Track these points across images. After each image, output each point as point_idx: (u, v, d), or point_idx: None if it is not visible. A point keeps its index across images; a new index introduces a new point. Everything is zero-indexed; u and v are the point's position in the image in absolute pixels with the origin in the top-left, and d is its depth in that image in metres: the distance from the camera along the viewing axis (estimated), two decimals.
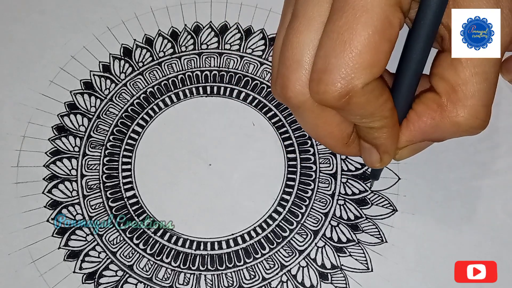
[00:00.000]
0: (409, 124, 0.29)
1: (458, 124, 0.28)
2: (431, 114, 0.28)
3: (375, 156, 0.30)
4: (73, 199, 0.36)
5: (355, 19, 0.25)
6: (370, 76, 0.25)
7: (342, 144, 0.30)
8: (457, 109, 0.27)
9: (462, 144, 0.38)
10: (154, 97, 0.39)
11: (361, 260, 0.35)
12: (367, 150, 0.30)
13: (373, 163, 0.31)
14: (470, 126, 0.28)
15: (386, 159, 0.30)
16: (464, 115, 0.27)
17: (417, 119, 0.29)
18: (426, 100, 0.28)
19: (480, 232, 0.36)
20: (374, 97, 0.26)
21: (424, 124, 0.28)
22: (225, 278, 0.35)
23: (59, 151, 0.38)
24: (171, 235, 0.36)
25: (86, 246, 0.35)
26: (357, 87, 0.25)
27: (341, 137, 0.30)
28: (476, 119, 0.27)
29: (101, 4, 0.42)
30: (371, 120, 0.27)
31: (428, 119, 0.28)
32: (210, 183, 0.37)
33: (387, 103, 0.27)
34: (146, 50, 0.41)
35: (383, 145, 0.29)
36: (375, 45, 0.25)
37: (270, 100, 0.39)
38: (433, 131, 0.29)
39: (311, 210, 0.36)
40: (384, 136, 0.28)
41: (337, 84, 0.25)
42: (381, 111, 0.27)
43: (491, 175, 0.37)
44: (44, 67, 0.40)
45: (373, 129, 0.28)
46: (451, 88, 0.27)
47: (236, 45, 0.41)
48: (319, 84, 0.26)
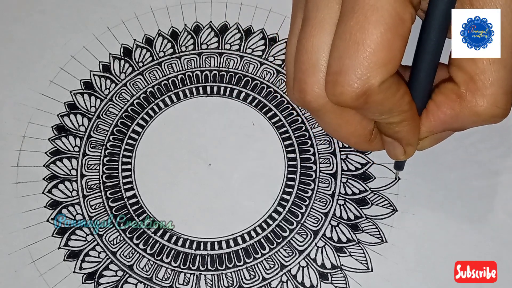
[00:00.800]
0: (429, 115, 0.29)
1: (478, 113, 0.27)
2: (450, 104, 0.28)
3: (399, 149, 0.30)
4: (73, 199, 0.36)
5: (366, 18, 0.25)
6: (386, 73, 0.25)
7: (365, 141, 0.30)
8: (476, 99, 0.27)
9: (462, 144, 0.38)
10: (154, 97, 0.39)
11: (361, 260, 0.35)
12: (390, 144, 0.30)
13: (397, 156, 0.31)
14: (491, 115, 0.27)
15: (410, 151, 0.30)
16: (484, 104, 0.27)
17: (436, 109, 0.29)
18: (445, 90, 0.28)
19: (480, 232, 0.36)
20: (391, 93, 0.26)
21: (444, 114, 0.28)
22: (225, 278, 0.35)
23: (59, 151, 0.38)
24: (171, 235, 0.36)
25: (86, 246, 0.35)
26: (373, 85, 0.25)
27: (363, 134, 0.29)
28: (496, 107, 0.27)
29: (101, 4, 0.42)
30: (390, 115, 0.27)
31: (447, 109, 0.28)
32: (210, 183, 0.37)
33: (405, 97, 0.27)
34: (146, 50, 0.41)
35: (405, 138, 0.29)
36: (388, 42, 0.25)
37: (270, 100, 0.39)
38: (453, 121, 0.28)
39: (311, 210, 0.36)
40: (405, 130, 0.29)
41: (354, 84, 0.25)
42: (399, 106, 0.27)
43: (491, 175, 0.37)
44: (44, 67, 0.40)
45: (394, 124, 0.28)
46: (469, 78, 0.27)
47: (236, 45, 0.41)
48: (335, 86, 0.26)
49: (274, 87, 0.39)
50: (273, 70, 0.40)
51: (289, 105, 0.39)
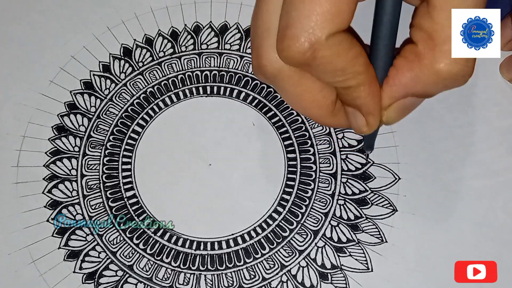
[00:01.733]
0: (389, 80, 0.28)
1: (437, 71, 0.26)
2: (409, 65, 0.27)
3: (360, 119, 0.29)
4: (73, 199, 0.36)
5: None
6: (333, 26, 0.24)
7: (328, 113, 0.29)
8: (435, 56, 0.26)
9: (462, 144, 0.38)
10: (154, 97, 0.39)
11: (361, 260, 0.35)
12: (352, 114, 0.29)
13: (360, 128, 0.29)
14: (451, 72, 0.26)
15: (372, 120, 0.29)
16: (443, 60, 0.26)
17: (396, 73, 0.27)
18: (404, 52, 0.27)
19: (480, 232, 0.36)
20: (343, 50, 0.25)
21: (404, 76, 0.27)
22: (225, 278, 0.35)
23: (59, 151, 0.38)
24: (171, 235, 0.36)
25: (86, 246, 0.35)
26: (320, 38, 0.24)
27: (325, 105, 0.29)
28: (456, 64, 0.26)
29: (101, 4, 0.42)
30: (344, 77, 0.26)
31: (407, 71, 0.27)
32: (210, 183, 0.37)
33: (359, 58, 0.26)
34: (146, 50, 0.41)
35: (364, 105, 0.28)
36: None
37: (270, 100, 0.39)
38: (414, 83, 0.27)
39: (311, 210, 0.36)
40: (363, 95, 0.27)
41: (300, 38, 0.24)
42: (353, 65, 0.26)
43: (491, 175, 0.37)
44: (44, 67, 0.40)
45: (350, 89, 0.27)
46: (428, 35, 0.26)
47: (236, 45, 0.41)
48: (283, 40, 0.25)
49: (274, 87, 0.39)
50: None
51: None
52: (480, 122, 0.38)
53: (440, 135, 0.38)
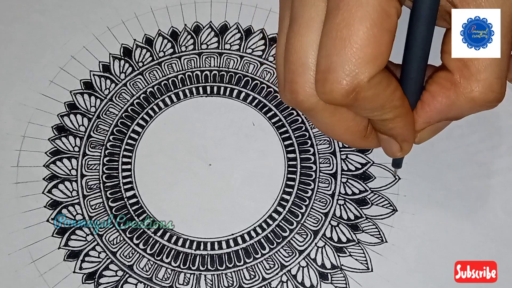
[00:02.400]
0: (425, 106, 0.29)
1: (473, 99, 0.27)
2: (445, 92, 0.28)
3: (395, 146, 0.30)
4: (73, 199, 0.36)
5: (351, 14, 0.25)
6: (374, 69, 0.25)
7: (360, 137, 0.30)
8: (471, 85, 0.27)
9: (462, 144, 0.38)
10: (154, 97, 0.39)
11: (361, 260, 0.35)
12: (386, 141, 0.30)
13: (394, 153, 0.30)
14: (486, 100, 0.27)
15: (406, 147, 0.30)
16: (479, 89, 0.27)
17: (431, 99, 0.28)
18: (439, 79, 0.28)
19: (480, 232, 0.36)
20: (382, 89, 0.26)
21: (440, 103, 0.28)
22: (225, 278, 0.35)
23: (59, 151, 0.38)
24: (171, 235, 0.36)
25: (86, 246, 0.35)
26: (362, 81, 0.25)
27: (358, 131, 0.29)
28: (491, 92, 0.27)
29: (101, 4, 0.42)
30: (383, 112, 0.27)
31: (443, 98, 0.28)
32: (210, 183, 0.37)
33: (396, 93, 0.27)
34: (146, 50, 0.41)
35: (400, 134, 0.29)
36: (374, 38, 0.25)
37: (270, 100, 0.39)
38: (450, 110, 0.28)
39: (311, 210, 0.36)
40: (399, 126, 0.28)
41: (343, 81, 0.25)
42: (391, 101, 0.27)
43: (491, 175, 0.37)
44: (44, 67, 0.40)
45: (387, 121, 0.28)
46: (463, 64, 0.27)
47: (236, 45, 0.41)
48: (324, 84, 0.26)
49: (274, 87, 0.39)
50: (273, 70, 0.40)
51: None
52: (480, 122, 0.38)
53: (440, 135, 0.38)
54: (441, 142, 0.38)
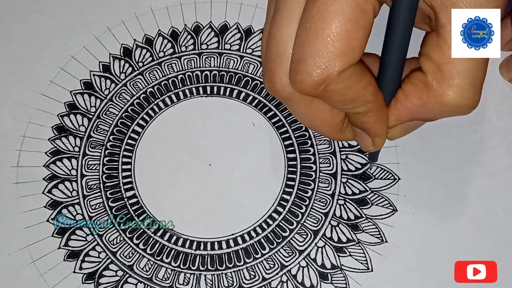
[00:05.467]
0: (397, 104, 0.29)
1: (444, 103, 0.27)
2: (418, 93, 0.28)
3: (367, 140, 0.30)
4: (73, 199, 0.36)
5: (325, 8, 0.25)
6: (345, 63, 0.25)
7: (336, 130, 0.30)
8: (443, 89, 0.27)
9: (462, 144, 0.38)
10: (154, 97, 0.39)
11: (361, 260, 0.35)
12: (359, 135, 0.30)
13: (367, 147, 0.31)
14: (457, 105, 0.27)
15: (378, 142, 0.30)
16: (450, 94, 0.27)
17: (404, 98, 0.28)
18: (414, 79, 0.28)
19: (480, 232, 0.36)
20: (353, 83, 0.26)
21: (412, 103, 0.28)
22: (225, 278, 0.35)
23: (59, 151, 0.38)
24: (171, 235, 0.36)
25: (86, 246, 0.35)
26: (332, 75, 0.25)
27: (334, 124, 0.30)
28: (462, 98, 0.27)
29: (101, 4, 0.42)
30: (354, 105, 0.27)
31: (415, 98, 0.28)
32: (210, 183, 0.37)
33: (369, 88, 0.27)
34: (146, 50, 0.41)
35: (371, 129, 0.29)
36: (347, 33, 0.25)
37: (270, 100, 0.39)
38: (421, 111, 0.28)
39: (311, 210, 0.36)
40: (371, 120, 0.29)
41: (313, 73, 0.25)
42: (363, 96, 0.27)
43: (491, 175, 0.37)
44: (44, 67, 0.40)
45: (359, 114, 0.28)
46: (437, 67, 0.27)
47: (236, 45, 0.41)
48: (296, 74, 0.26)
49: None
50: None
51: None
52: (480, 122, 0.38)
53: (440, 135, 0.38)
54: (441, 142, 0.38)
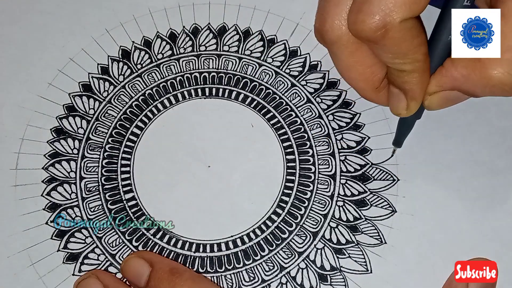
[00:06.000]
0: (442, 70, 0.29)
1: (489, 77, 0.27)
2: (465, 63, 0.28)
3: (403, 102, 0.31)
4: (72, 201, 0.36)
5: None
6: (409, 12, 0.26)
7: (372, 88, 0.31)
8: (491, 62, 0.27)
9: (462, 144, 0.38)
10: (153, 99, 0.39)
11: (360, 262, 0.35)
12: (395, 96, 0.31)
13: (399, 110, 0.31)
14: (501, 81, 0.27)
15: (413, 106, 0.31)
16: (497, 68, 0.27)
17: (451, 66, 0.29)
18: None
19: (480, 232, 0.36)
20: (410, 36, 0.27)
21: (457, 72, 0.29)
22: (225, 280, 0.35)
23: (58, 154, 0.38)
24: (170, 237, 0.36)
25: (85, 248, 0.35)
26: (395, 21, 0.26)
27: (372, 80, 0.30)
28: (509, 76, 0.27)
29: (99, 6, 0.42)
30: (403, 61, 0.28)
31: (461, 67, 0.28)
32: (209, 185, 0.37)
33: (422, 47, 0.28)
34: (145, 52, 0.40)
35: (411, 90, 0.30)
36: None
37: (269, 101, 0.39)
38: (464, 81, 0.29)
39: (310, 211, 0.36)
40: (413, 81, 0.29)
41: (376, 15, 0.26)
42: (415, 53, 0.27)
43: (491, 175, 0.37)
44: (43, 69, 0.40)
45: (404, 73, 0.29)
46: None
47: (235, 46, 0.41)
48: (358, 13, 0.26)
49: (273, 89, 0.39)
50: (271, 72, 0.40)
51: (288, 106, 0.39)
52: (480, 122, 0.38)
53: (440, 135, 0.38)
54: (441, 142, 0.38)
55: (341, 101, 0.39)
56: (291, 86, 0.39)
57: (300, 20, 0.41)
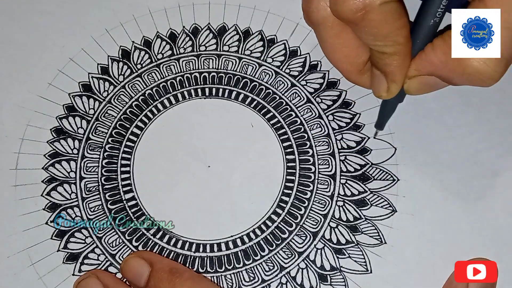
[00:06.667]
0: (422, 55, 0.30)
1: (466, 65, 0.27)
2: (444, 49, 0.28)
3: (384, 84, 0.31)
4: (72, 201, 0.36)
5: None
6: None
7: (356, 70, 0.31)
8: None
9: (462, 144, 0.38)
10: (153, 99, 0.39)
11: (360, 262, 0.35)
12: (377, 77, 0.31)
13: (380, 92, 0.31)
14: (478, 71, 0.27)
15: (393, 88, 0.31)
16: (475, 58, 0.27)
17: (431, 51, 0.29)
18: (446, 36, 0.29)
19: (480, 232, 0.36)
20: (391, 19, 0.27)
21: (436, 57, 0.29)
22: (225, 280, 0.35)
23: (57, 154, 0.38)
24: (170, 237, 0.36)
25: (85, 248, 0.35)
26: (374, 3, 0.26)
27: (356, 63, 0.31)
28: (485, 66, 0.27)
29: (99, 6, 0.42)
30: (384, 43, 0.28)
31: (440, 53, 0.29)
32: (209, 185, 0.37)
33: (403, 30, 0.28)
34: (145, 52, 0.40)
35: (391, 73, 0.30)
36: None
37: (268, 101, 0.39)
38: (442, 67, 0.29)
39: (310, 211, 0.36)
40: (394, 64, 0.29)
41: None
42: (395, 35, 0.28)
43: (491, 175, 0.37)
44: (43, 69, 0.40)
45: (385, 55, 0.29)
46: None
47: (235, 46, 0.41)
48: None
49: (273, 89, 0.39)
50: (271, 72, 0.40)
51: (288, 106, 0.39)
52: (480, 122, 0.38)
53: (440, 135, 0.38)
54: (441, 142, 0.38)
55: (341, 101, 0.39)
56: (291, 86, 0.39)
57: (300, 20, 0.41)
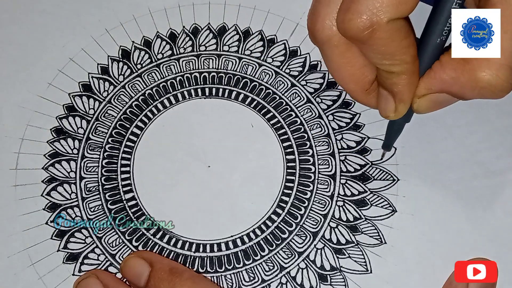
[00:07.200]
0: (431, 73, 0.29)
1: (477, 79, 0.27)
2: (454, 65, 0.28)
3: (391, 104, 0.30)
4: (72, 201, 0.36)
5: None
6: (397, 12, 0.26)
7: (362, 90, 0.31)
8: (480, 64, 0.27)
9: (462, 144, 0.38)
10: (153, 99, 0.39)
11: (360, 262, 0.35)
12: (384, 98, 0.31)
13: (387, 112, 0.31)
14: (490, 83, 0.27)
15: (401, 108, 0.31)
16: (486, 70, 0.27)
17: (440, 68, 0.29)
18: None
19: (480, 232, 0.36)
20: (398, 37, 0.27)
21: (445, 74, 0.29)
22: (225, 280, 0.35)
23: (57, 154, 0.38)
24: (170, 237, 0.36)
25: (85, 248, 0.35)
26: (382, 21, 0.26)
27: (362, 82, 0.30)
28: (497, 77, 0.27)
29: (99, 6, 0.42)
30: (392, 62, 0.28)
31: (450, 70, 0.28)
32: (209, 185, 0.37)
33: (410, 49, 0.28)
34: (145, 52, 0.40)
35: (400, 92, 0.29)
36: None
37: (268, 101, 0.39)
38: (453, 83, 0.28)
39: (310, 211, 0.36)
40: (402, 83, 0.29)
41: (363, 15, 0.26)
42: (403, 54, 0.28)
43: (491, 175, 0.37)
44: (43, 69, 0.40)
45: (393, 74, 0.29)
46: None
47: (235, 46, 0.41)
48: (346, 12, 0.26)
49: (273, 89, 0.39)
50: (271, 72, 0.40)
51: (288, 106, 0.39)
52: (480, 122, 0.38)
53: (440, 135, 0.38)
54: (441, 142, 0.38)
55: (341, 101, 0.39)
56: (291, 86, 0.39)
57: (300, 20, 0.41)
